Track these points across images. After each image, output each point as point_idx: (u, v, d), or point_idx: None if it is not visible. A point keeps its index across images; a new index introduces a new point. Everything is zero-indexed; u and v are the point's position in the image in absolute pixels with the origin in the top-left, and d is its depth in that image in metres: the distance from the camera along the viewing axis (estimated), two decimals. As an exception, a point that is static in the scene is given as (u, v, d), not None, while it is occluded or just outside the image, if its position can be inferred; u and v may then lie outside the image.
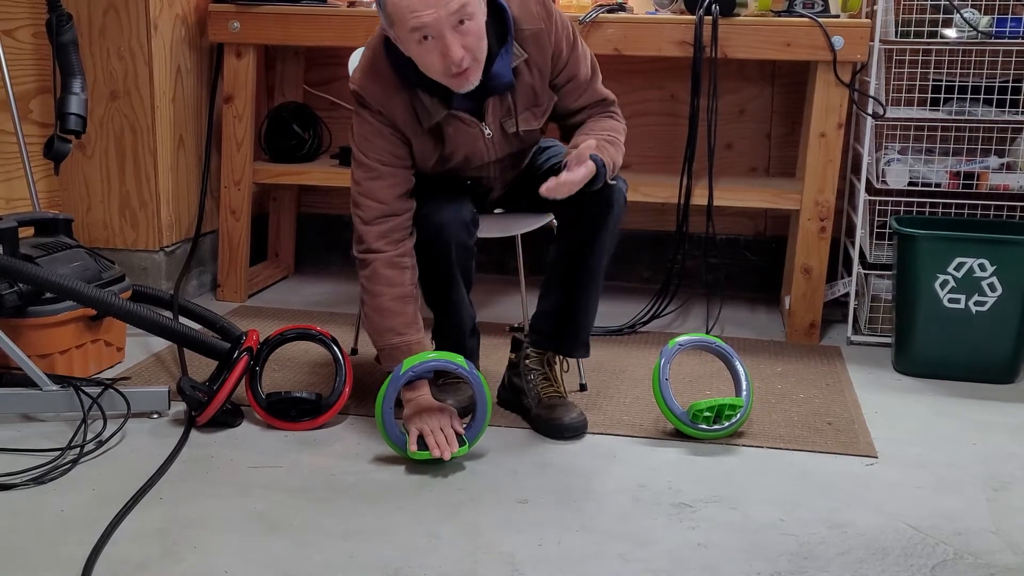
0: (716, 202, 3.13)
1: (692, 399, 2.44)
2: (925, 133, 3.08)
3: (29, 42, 3.03)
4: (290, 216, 3.84)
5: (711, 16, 2.95)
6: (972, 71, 3.10)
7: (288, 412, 2.39)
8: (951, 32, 2.95)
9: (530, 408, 2.42)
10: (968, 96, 3.01)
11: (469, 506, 2.03)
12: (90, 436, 2.28)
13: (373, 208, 2.25)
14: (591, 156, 2.14)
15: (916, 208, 3.09)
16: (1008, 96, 2.99)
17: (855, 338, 3.12)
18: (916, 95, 3.19)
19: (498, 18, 2.17)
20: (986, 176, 2.99)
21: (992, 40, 2.91)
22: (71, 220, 2.83)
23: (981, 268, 2.72)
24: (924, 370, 2.82)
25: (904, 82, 3.14)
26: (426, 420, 2.20)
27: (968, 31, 2.92)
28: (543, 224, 2.55)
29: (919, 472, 2.23)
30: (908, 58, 3.04)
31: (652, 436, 2.38)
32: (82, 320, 2.62)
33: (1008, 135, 3.14)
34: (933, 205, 3.09)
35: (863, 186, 3.07)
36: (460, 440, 2.19)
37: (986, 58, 3.06)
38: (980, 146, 3.10)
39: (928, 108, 3.13)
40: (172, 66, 3.25)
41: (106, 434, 2.30)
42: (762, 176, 3.57)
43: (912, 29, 2.99)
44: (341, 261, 3.86)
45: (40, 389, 2.37)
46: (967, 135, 3.10)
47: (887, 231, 3.05)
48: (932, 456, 2.31)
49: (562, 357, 2.50)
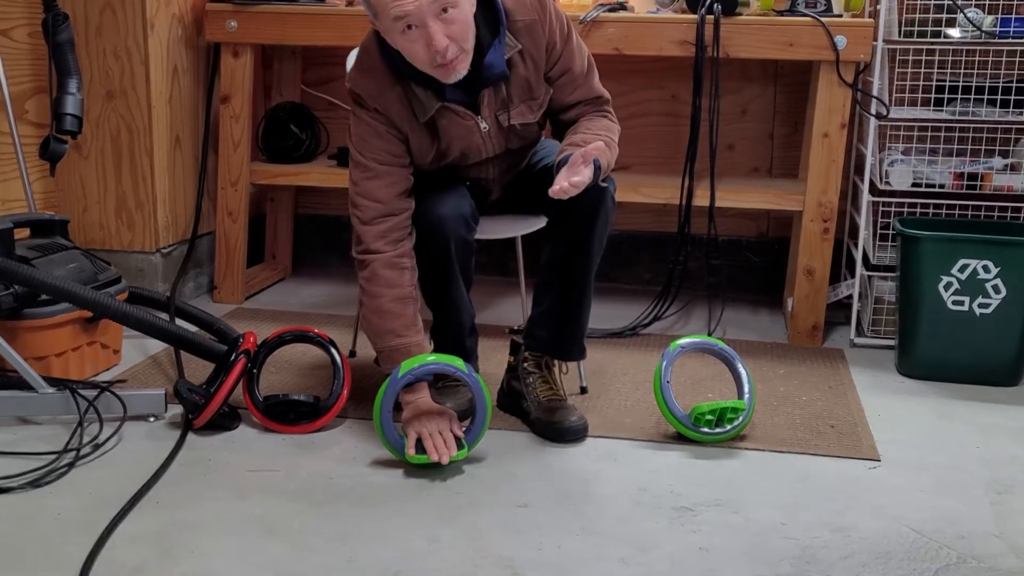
0: (718, 203, 3.11)
1: (694, 402, 2.43)
2: (929, 134, 3.06)
3: (25, 42, 3.02)
4: (287, 217, 3.83)
5: (713, 15, 2.94)
6: (976, 71, 3.08)
7: (286, 415, 2.37)
8: (955, 32, 2.94)
9: (530, 411, 2.40)
10: (972, 96, 3.00)
11: (468, 509, 2.01)
12: (86, 439, 2.26)
13: (371, 208, 2.24)
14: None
15: (920, 209, 3.07)
16: (1012, 96, 2.98)
17: (858, 340, 3.10)
18: (920, 95, 3.17)
19: (489, 9, 2.17)
20: (990, 177, 2.98)
21: (996, 40, 2.90)
22: (67, 221, 2.82)
23: (985, 270, 2.71)
24: (927, 372, 2.81)
25: (907, 82, 3.13)
26: (425, 424, 2.18)
27: (972, 31, 2.91)
28: (541, 226, 2.53)
29: (922, 475, 2.21)
30: (911, 58, 3.03)
31: (653, 439, 2.37)
32: (78, 322, 2.61)
33: (1012, 136, 3.13)
34: (937, 206, 3.07)
35: (866, 187, 3.05)
36: (459, 444, 2.18)
37: (990, 58, 3.05)
38: (984, 147, 3.08)
39: (932, 108, 3.12)
40: (169, 66, 3.23)
41: (102, 437, 2.28)
42: (764, 177, 3.56)
43: (915, 29, 2.97)
44: (339, 262, 3.84)
45: (36, 392, 2.35)
46: (971, 136, 3.08)
47: (890, 232, 3.04)
48: (935, 459, 2.30)
49: (559, 360, 2.49)
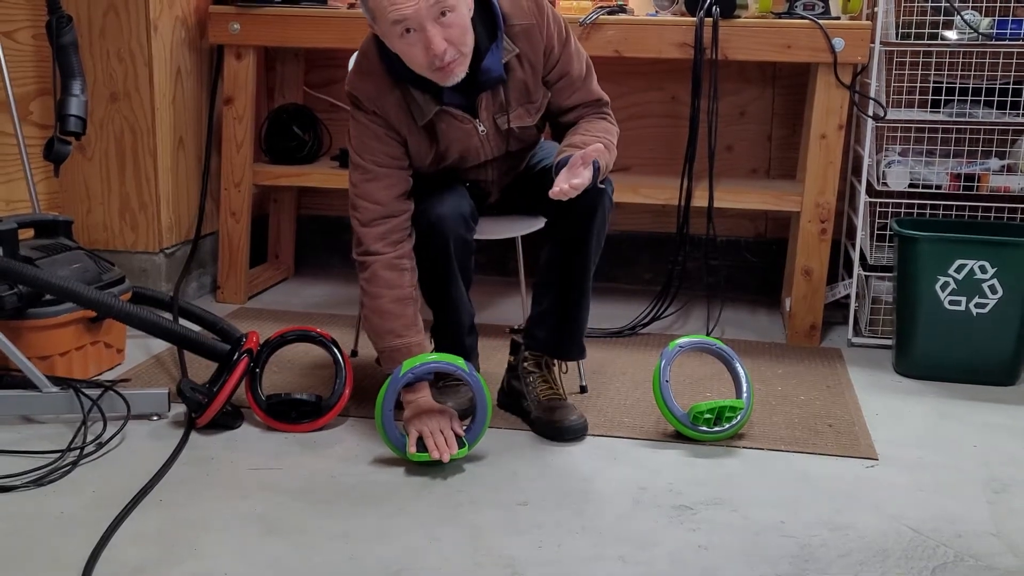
0: (717, 204, 3.13)
1: (692, 401, 2.44)
2: (926, 135, 3.07)
3: (29, 44, 3.03)
4: (290, 218, 3.84)
5: (711, 18, 2.95)
6: (973, 73, 3.10)
7: (288, 414, 2.38)
8: (951, 34, 2.95)
9: (530, 411, 2.42)
10: (969, 98, 3.01)
11: (469, 508, 2.03)
12: (90, 438, 2.27)
13: (370, 210, 2.25)
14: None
15: (917, 210, 3.08)
16: (1009, 98, 2.99)
17: (856, 340, 3.11)
18: (917, 97, 3.18)
19: (487, 13, 2.18)
20: (987, 178, 2.99)
21: (993, 42, 2.91)
22: (71, 222, 2.83)
23: (982, 270, 2.72)
24: (925, 372, 2.82)
25: (904, 84, 3.14)
26: (426, 422, 2.20)
27: (969, 33, 2.92)
28: (541, 227, 2.55)
29: (920, 474, 2.22)
30: (908, 60, 3.04)
31: (652, 438, 2.38)
32: (82, 322, 2.62)
33: (1009, 137, 3.14)
34: (934, 207, 3.08)
35: (864, 188, 3.07)
36: (460, 442, 2.19)
37: (987, 60, 3.06)
38: (981, 148, 3.10)
39: (929, 110, 3.13)
40: (172, 68, 3.25)
41: (106, 436, 2.29)
42: (763, 178, 3.57)
43: (912, 31, 2.98)
44: (341, 263, 3.86)
45: (40, 391, 2.36)
46: (968, 137, 3.10)
47: (888, 233, 3.05)
48: (933, 458, 2.31)
49: (559, 360, 2.50)
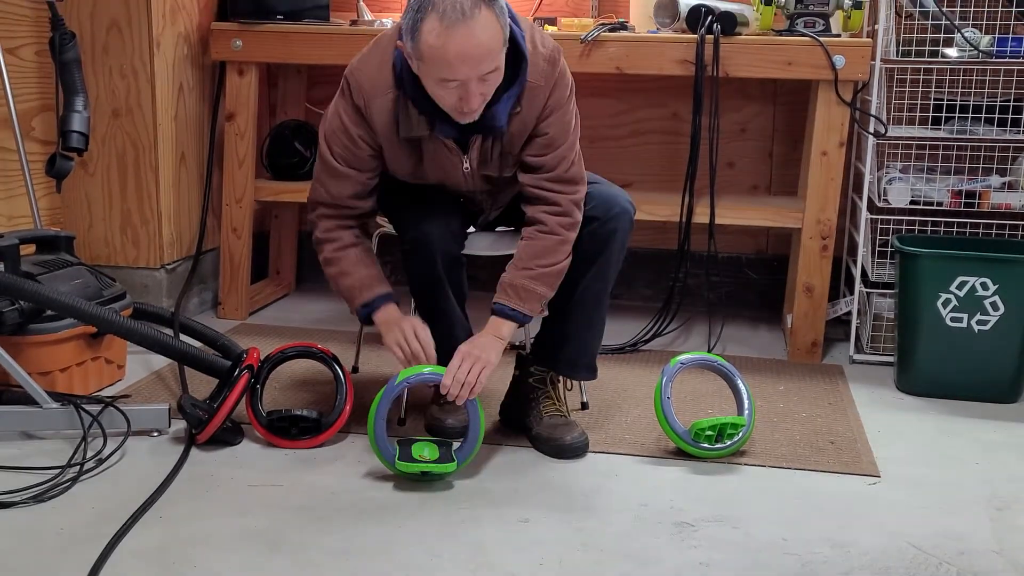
0: (718, 220, 3.13)
1: (694, 418, 2.44)
2: (927, 152, 3.08)
3: (32, 60, 3.05)
4: (291, 233, 3.84)
5: (712, 35, 2.96)
6: (973, 90, 3.10)
7: (289, 430, 2.38)
8: (952, 52, 2.96)
9: (532, 427, 2.41)
10: (969, 115, 3.01)
11: (470, 524, 2.02)
12: (90, 454, 2.27)
13: (323, 195, 2.33)
14: (507, 312, 2.25)
15: (918, 227, 3.09)
16: (1009, 115, 2.99)
17: (857, 357, 3.11)
18: (917, 114, 3.19)
19: (513, 60, 2.15)
20: (988, 195, 3.00)
21: (993, 60, 2.92)
22: (72, 237, 2.83)
23: (983, 287, 2.72)
24: (926, 389, 2.82)
25: (905, 101, 3.15)
26: (395, 332, 2.26)
27: (969, 51, 2.93)
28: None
29: (922, 491, 2.22)
30: (909, 77, 3.05)
31: (654, 455, 2.38)
32: (83, 338, 2.62)
33: (1009, 154, 3.15)
34: (935, 224, 3.09)
35: (865, 205, 3.07)
36: (449, 456, 2.19)
37: (987, 77, 3.07)
38: (981, 165, 3.10)
39: (929, 127, 3.13)
40: (174, 84, 3.26)
41: (106, 452, 2.29)
42: (764, 194, 3.58)
43: (913, 48, 3.00)
44: (342, 279, 3.85)
45: (40, 407, 2.36)
46: (968, 154, 3.10)
47: (889, 250, 3.06)
48: (935, 475, 2.30)
49: (567, 378, 2.50)
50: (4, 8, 2.93)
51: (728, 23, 2.97)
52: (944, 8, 2.95)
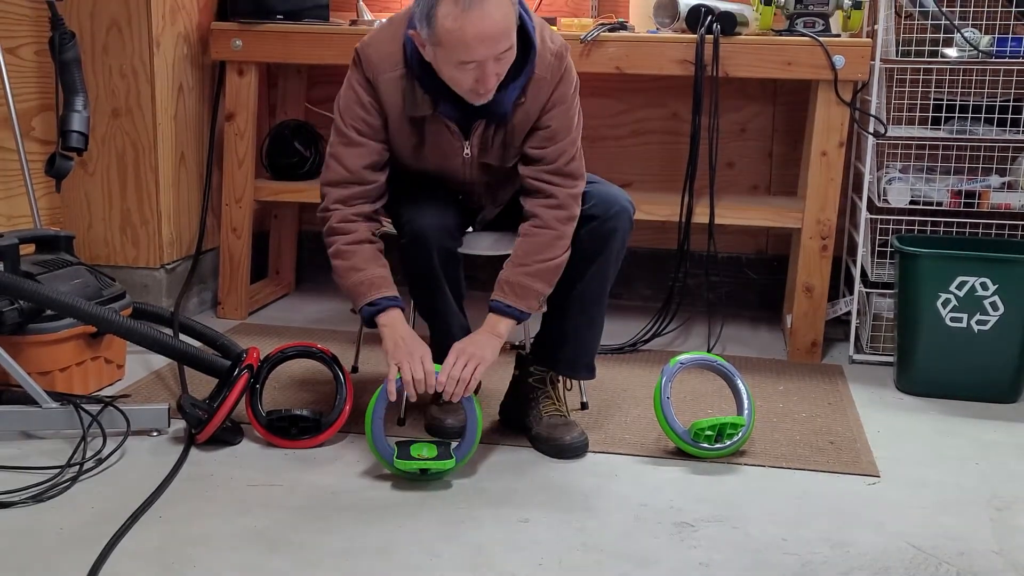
0: (717, 220, 3.13)
1: (693, 418, 2.44)
2: (926, 152, 3.08)
3: (32, 60, 3.05)
4: (291, 233, 3.84)
5: (712, 35, 2.96)
6: (973, 90, 3.10)
7: (288, 430, 2.38)
8: (952, 51, 2.96)
9: (532, 426, 2.41)
10: (969, 115, 3.01)
11: (470, 524, 2.02)
12: (90, 454, 2.27)
13: (338, 172, 2.29)
14: (504, 309, 2.24)
15: (917, 227, 3.09)
16: (1009, 115, 2.99)
17: (857, 357, 3.11)
18: (917, 114, 3.19)
19: (522, 49, 2.17)
20: (987, 195, 3.00)
21: (993, 60, 2.92)
22: (72, 237, 2.83)
23: (983, 287, 2.72)
24: (926, 389, 2.82)
25: (905, 101, 3.15)
26: (403, 354, 2.21)
27: (969, 51, 2.93)
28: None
29: (921, 491, 2.22)
30: (909, 77, 3.05)
31: (653, 455, 2.38)
32: (82, 337, 2.62)
33: (1009, 154, 3.15)
34: (934, 224, 3.09)
35: (864, 204, 3.07)
36: (448, 453, 2.19)
37: (987, 77, 3.07)
38: (981, 165, 3.10)
39: (929, 127, 3.13)
40: (174, 84, 3.26)
41: (106, 452, 2.29)
42: (763, 194, 3.57)
43: (913, 48, 3.00)
44: (342, 279, 3.85)
45: (40, 406, 2.36)
46: (968, 154, 3.10)
47: (888, 249, 3.06)
48: (934, 475, 2.30)
49: (567, 377, 2.50)
50: (4, 8, 2.93)
51: (728, 23, 2.97)
52: (944, 8, 2.95)
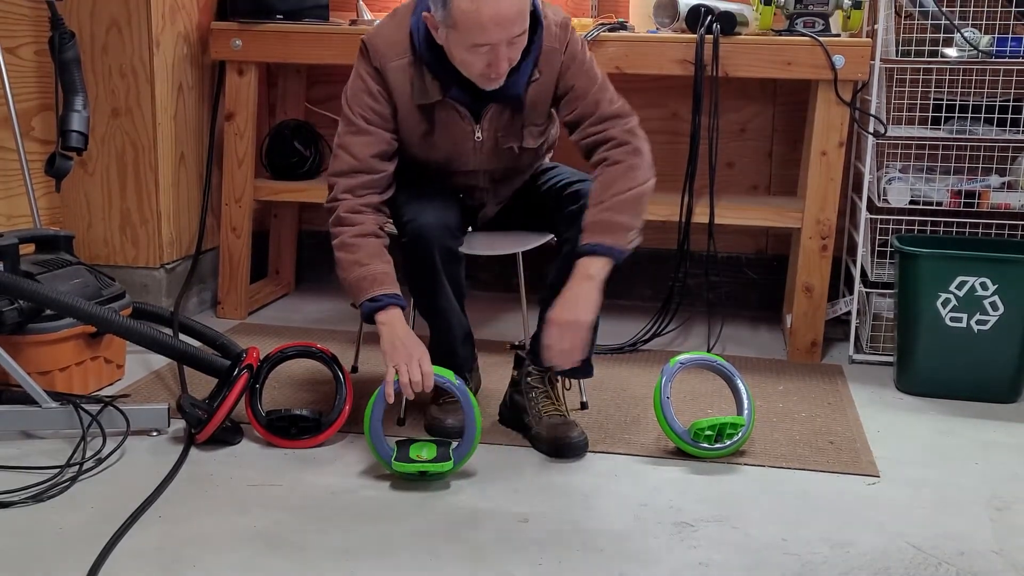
0: (717, 220, 3.13)
1: (693, 418, 2.44)
2: (926, 152, 3.08)
3: (31, 60, 3.04)
4: (291, 233, 3.84)
5: (712, 35, 2.96)
6: (973, 90, 3.10)
7: (288, 430, 2.38)
8: (952, 51, 2.96)
9: (531, 426, 2.41)
10: (969, 115, 3.01)
11: (469, 524, 2.02)
12: (89, 453, 2.27)
13: (346, 161, 2.28)
14: (593, 249, 2.18)
15: (917, 227, 3.09)
16: (1009, 115, 2.99)
17: (857, 357, 3.11)
18: (917, 114, 3.19)
19: (530, 28, 2.19)
20: (987, 195, 2.99)
21: (992, 60, 2.92)
22: (72, 237, 2.83)
23: (983, 287, 2.72)
24: (926, 389, 2.82)
25: (905, 101, 3.15)
26: (400, 355, 2.19)
27: (968, 50, 2.93)
28: (543, 243, 2.55)
29: (921, 491, 2.22)
30: (909, 77, 3.05)
31: (653, 455, 2.38)
32: (82, 337, 2.62)
33: (1009, 154, 3.15)
34: (934, 224, 3.09)
35: (864, 204, 3.07)
36: (446, 455, 2.19)
37: (987, 77, 3.07)
38: (981, 165, 3.10)
39: (929, 127, 3.13)
40: (174, 83, 3.26)
41: (105, 452, 2.29)
42: (763, 194, 3.57)
43: (913, 48, 2.99)
44: (342, 278, 3.85)
45: (39, 406, 2.36)
46: (968, 154, 3.10)
47: (888, 249, 3.06)
48: (934, 475, 2.30)
49: (564, 377, 2.50)
50: (4, 8, 2.93)
51: (728, 23, 2.97)
52: (944, 8, 2.95)
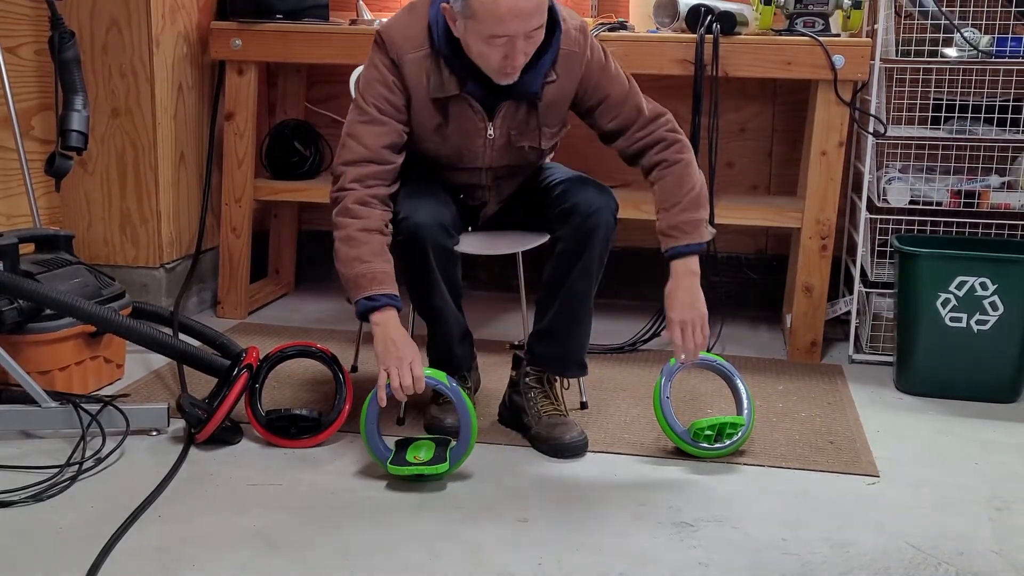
0: (717, 220, 3.12)
1: (693, 417, 2.44)
2: (926, 152, 3.08)
3: (31, 59, 3.04)
4: (291, 233, 3.84)
5: (712, 35, 2.96)
6: (972, 90, 3.10)
7: (288, 430, 2.38)
8: (951, 51, 2.96)
9: (530, 426, 2.41)
10: (969, 115, 3.01)
11: (469, 524, 2.02)
12: (89, 453, 2.27)
13: (356, 151, 2.26)
14: (684, 250, 2.33)
15: (917, 227, 3.09)
16: (1009, 115, 2.99)
17: (856, 356, 3.11)
18: (917, 114, 3.19)
19: (548, 28, 2.19)
20: (987, 195, 2.99)
21: (992, 59, 2.92)
22: (72, 237, 2.83)
23: (983, 287, 2.72)
24: (926, 389, 2.82)
25: (905, 101, 3.15)
26: (392, 357, 2.18)
27: (968, 50, 2.93)
28: (542, 243, 2.55)
29: (921, 491, 2.22)
30: (909, 77, 3.05)
31: (653, 454, 2.38)
32: (82, 337, 2.62)
33: (1009, 154, 3.15)
34: (934, 224, 3.09)
35: (864, 204, 3.07)
36: (441, 456, 2.18)
37: (986, 77, 3.07)
38: (981, 165, 3.10)
39: (929, 127, 3.13)
40: (174, 83, 3.26)
41: (105, 451, 2.29)
42: (763, 194, 3.57)
43: (912, 48, 2.99)
44: (342, 278, 3.85)
45: (39, 406, 2.36)
46: (968, 154, 3.10)
47: (888, 249, 3.06)
48: (934, 475, 2.30)
49: (559, 376, 2.50)
50: (4, 7, 2.93)
51: (727, 23, 2.97)
52: (944, 8, 2.96)
